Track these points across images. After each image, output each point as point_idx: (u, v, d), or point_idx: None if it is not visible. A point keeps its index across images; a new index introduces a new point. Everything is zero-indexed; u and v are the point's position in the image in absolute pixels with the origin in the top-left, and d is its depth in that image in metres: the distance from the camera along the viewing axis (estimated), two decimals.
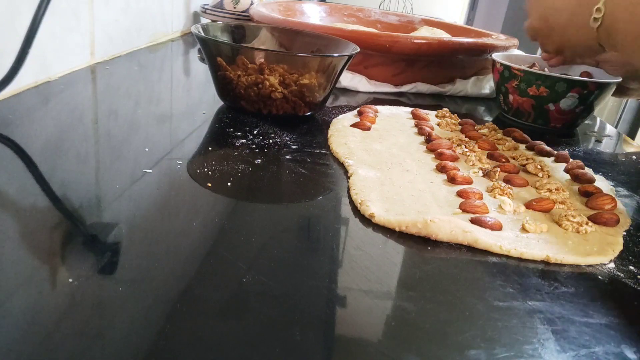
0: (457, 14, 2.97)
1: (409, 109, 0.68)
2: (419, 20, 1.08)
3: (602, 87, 0.66)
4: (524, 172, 0.52)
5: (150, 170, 0.42)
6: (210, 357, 0.24)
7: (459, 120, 0.65)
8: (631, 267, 0.37)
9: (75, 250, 0.31)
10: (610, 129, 0.77)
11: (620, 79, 0.67)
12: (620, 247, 0.39)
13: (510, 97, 0.71)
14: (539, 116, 0.69)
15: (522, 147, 0.60)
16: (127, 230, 0.34)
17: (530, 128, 0.69)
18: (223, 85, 0.59)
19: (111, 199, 0.37)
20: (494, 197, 0.44)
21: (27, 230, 0.32)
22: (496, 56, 0.73)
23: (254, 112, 0.59)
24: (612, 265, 0.37)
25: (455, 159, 0.52)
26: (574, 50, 0.62)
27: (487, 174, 0.49)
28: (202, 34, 0.58)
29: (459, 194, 0.44)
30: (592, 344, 0.30)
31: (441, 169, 0.49)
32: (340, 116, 0.62)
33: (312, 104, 0.60)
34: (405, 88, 0.81)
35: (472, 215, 0.40)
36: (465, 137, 0.59)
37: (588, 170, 0.53)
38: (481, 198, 0.43)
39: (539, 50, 0.71)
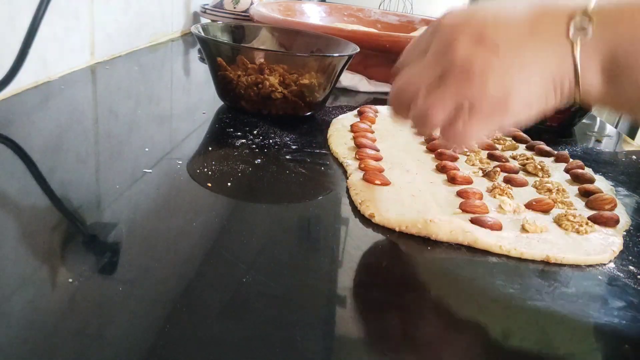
0: None
1: None
2: (419, 20, 1.08)
3: None
4: (524, 172, 0.52)
5: (150, 170, 0.42)
6: (210, 357, 0.24)
7: None
8: (631, 267, 0.37)
9: (75, 250, 0.31)
10: (610, 129, 0.77)
11: None
12: (620, 247, 0.39)
13: None
14: None
15: (522, 147, 0.60)
16: (127, 230, 0.34)
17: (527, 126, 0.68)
18: (223, 85, 0.59)
19: (111, 199, 0.37)
20: (494, 197, 0.44)
21: (27, 230, 0.32)
22: None
23: (254, 112, 0.59)
24: (612, 265, 0.37)
25: (455, 159, 0.52)
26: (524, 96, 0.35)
27: (487, 174, 0.49)
28: (202, 34, 0.58)
29: (459, 194, 0.44)
30: (593, 345, 0.30)
31: (441, 169, 0.49)
32: (340, 116, 0.62)
33: (312, 104, 0.60)
34: None
35: (472, 215, 0.40)
36: None
37: (588, 170, 0.52)
38: (481, 198, 0.43)
39: None
